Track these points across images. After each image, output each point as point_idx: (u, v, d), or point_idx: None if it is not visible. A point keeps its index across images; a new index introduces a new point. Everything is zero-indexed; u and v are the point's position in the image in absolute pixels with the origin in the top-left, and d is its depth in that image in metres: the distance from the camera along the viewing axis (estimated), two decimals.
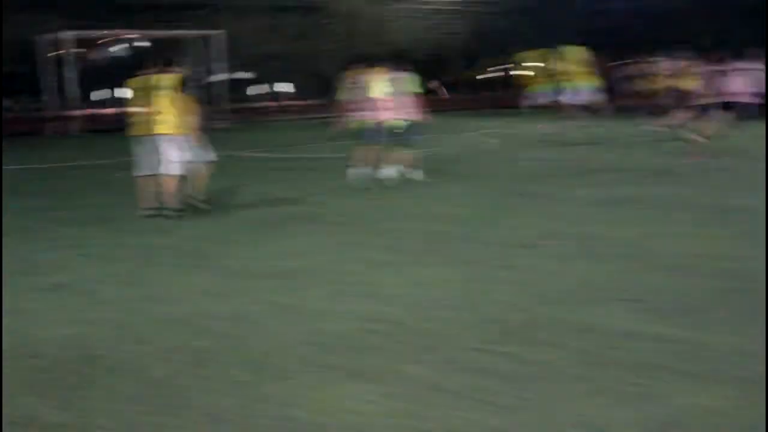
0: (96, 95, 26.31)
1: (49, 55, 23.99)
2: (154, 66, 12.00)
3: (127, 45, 29.33)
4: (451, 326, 6.62)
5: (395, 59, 15.72)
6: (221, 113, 26.94)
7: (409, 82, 14.92)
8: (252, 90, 43.83)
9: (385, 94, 14.52)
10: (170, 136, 11.71)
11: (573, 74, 19.18)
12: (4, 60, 25.71)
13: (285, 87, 41.22)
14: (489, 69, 34.58)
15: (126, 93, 12.32)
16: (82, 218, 12.20)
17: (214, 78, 26.17)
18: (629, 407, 5.02)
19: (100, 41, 27.42)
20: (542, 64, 20.63)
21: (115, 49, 28.03)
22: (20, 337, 6.56)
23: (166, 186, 11.82)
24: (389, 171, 14.77)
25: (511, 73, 32.75)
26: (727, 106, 17.53)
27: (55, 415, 5.02)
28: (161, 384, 5.49)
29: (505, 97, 33.19)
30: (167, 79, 11.86)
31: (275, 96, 41.13)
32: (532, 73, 23.67)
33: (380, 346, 6.19)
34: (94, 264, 9.20)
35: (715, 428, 4.75)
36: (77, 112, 25.68)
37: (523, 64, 19.49)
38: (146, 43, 29.05)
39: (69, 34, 24.87)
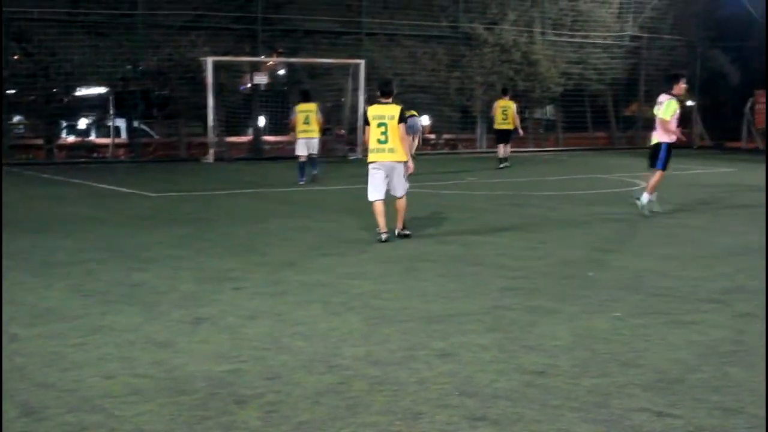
0: (257, 121, 27.13)
1: (211, 80, 24.71)
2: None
3: (274, 73, 29.91)
4: None
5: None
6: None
7: None
8: None
9: None
10: (399, 163, 12.53)
11: None
12: (165, 82, 26.68)
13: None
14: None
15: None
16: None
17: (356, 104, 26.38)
18: None
19: (256, 68, 28.09)
20: None
21: (263, 78, 28.56)
22: (168, 370, 6.62)
23: (397, 209, 12.88)
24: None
25: None
26: None
27: None
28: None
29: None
30: (394, 109, 12.48)
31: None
32: None
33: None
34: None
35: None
36: (239, 139, 26.50)
37: None
38: (284, 71, 29.55)
39: (221, 60, 25.51)
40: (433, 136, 30.96)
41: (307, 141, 20.56)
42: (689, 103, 17.22)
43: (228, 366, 6.75)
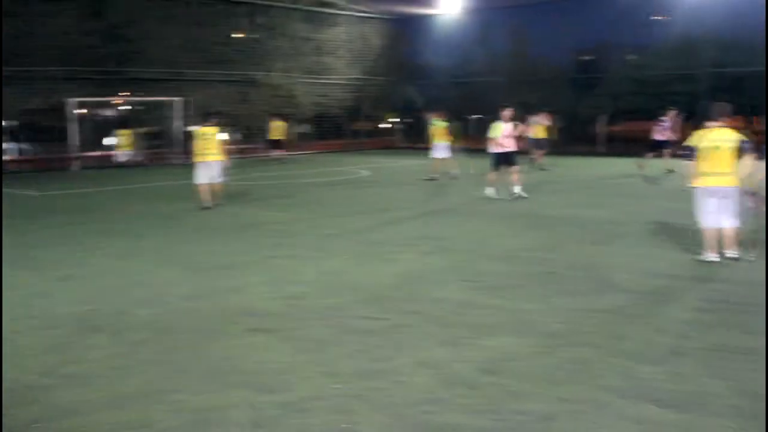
0: (105, 141, 26.88)
1: (73, 113, 24.39)
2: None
3: (117, 107, 29.99)
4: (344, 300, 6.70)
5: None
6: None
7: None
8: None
9: None
10: (218, 162, 13.48)
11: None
12: (45, 116, 26.41)
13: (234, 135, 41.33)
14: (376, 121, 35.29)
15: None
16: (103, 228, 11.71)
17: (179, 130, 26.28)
18: (460, 351, 5.17)
19: (102, 104, 28.13)
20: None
21: (111, 110, 28.93)
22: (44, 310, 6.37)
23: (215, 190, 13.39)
24: None
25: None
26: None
27: None
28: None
29: (384, 141, 33.84)
30: (215, 129, 13.55)
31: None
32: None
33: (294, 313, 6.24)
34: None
35: (517, 368, 4.92)
36: (91, 153, 25.68)
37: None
38: (129, 107, 29.40)
39: (84, 100, 25.56)
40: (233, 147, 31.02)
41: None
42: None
43: (87, 307, 6.57)
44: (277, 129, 25.87)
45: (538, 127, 20.92)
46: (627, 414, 4.10)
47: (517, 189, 14.22)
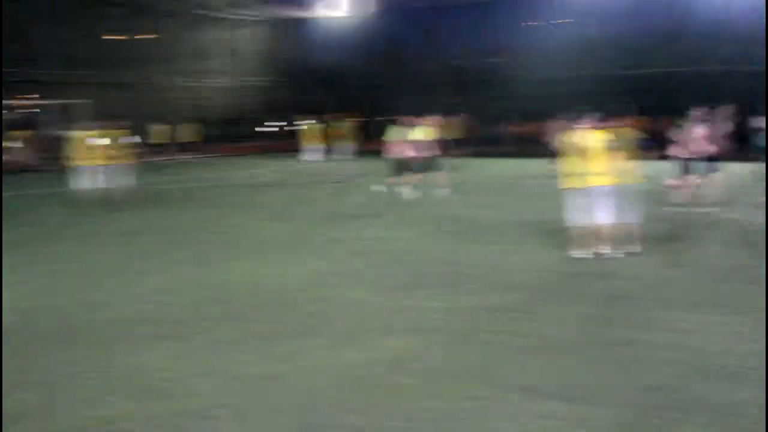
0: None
1: None
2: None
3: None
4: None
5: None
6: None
7: None
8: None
9: None
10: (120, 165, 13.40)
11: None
12: None
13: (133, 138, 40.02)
14: (271, 125, 34.81)
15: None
16: None
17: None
18: (365, 352, 5.26)
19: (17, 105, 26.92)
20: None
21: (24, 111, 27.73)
22: None
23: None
24: None
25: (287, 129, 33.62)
26: None
27: None
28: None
29: (282, 145, 33.54)
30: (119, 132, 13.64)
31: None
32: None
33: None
34: None
35: (420, 367, 5.06)
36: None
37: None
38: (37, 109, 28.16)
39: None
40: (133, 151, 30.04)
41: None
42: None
43: None
44: (163, 133, 25.34)
45: (429, 130, 21.18)
46: (525, 408, 4.27)
47: (411, 191, 14.39)
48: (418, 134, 14.65)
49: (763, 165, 15.54)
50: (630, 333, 5.62)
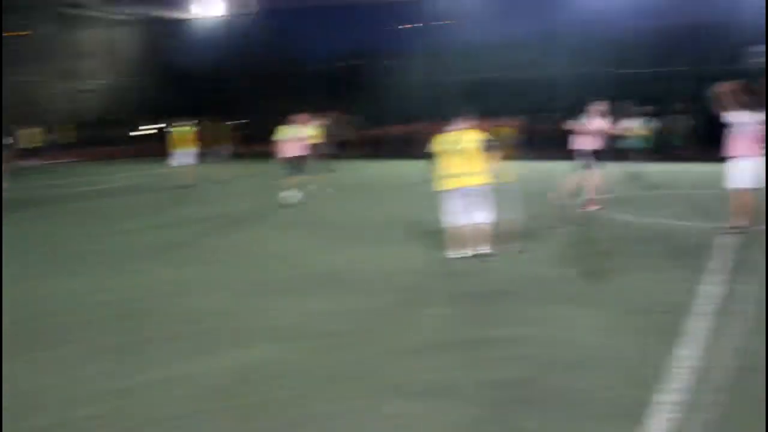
0: None
1: None
2: None
3: None
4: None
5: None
6: None
7: None
8: None
9: None
10: None
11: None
12: None
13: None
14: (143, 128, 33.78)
15: None
16: None
17: None
18: (222, 360, 5.15)
19: None
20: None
21: None
22: None
23: None
24: None
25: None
26: None
27: None
28: None
29: (159, 149, 32.64)
30: None
31: None
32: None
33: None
34: None
35: (283, 371, 5.01)
36: None
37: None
38: None
39: None
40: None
41: None
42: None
43: None
44: (30, 136, 24.23)
45: (316, 130, 21.10)
46: (392, 407, 4.33)
47: (298, 194, 14.29)
48: (308, 133, 14.56)
49: (633, 164, 16.56)
50: (497, 330, 5.78)
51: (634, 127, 17.20)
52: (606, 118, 12.38)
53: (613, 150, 13.41)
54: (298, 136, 14.25)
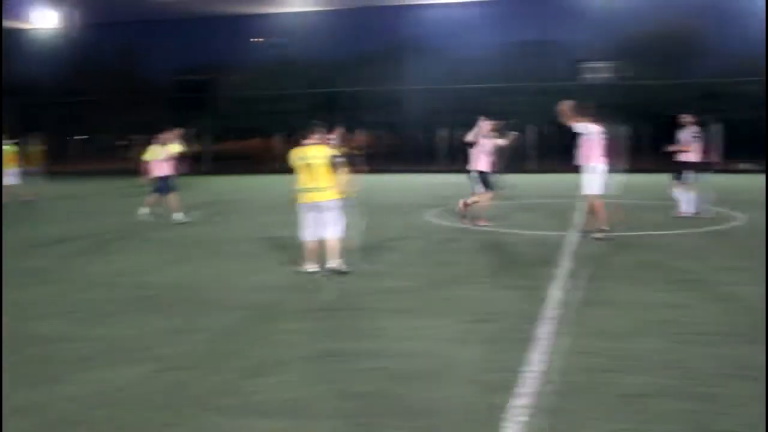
0: None
1: None
2: None
3: None
4: None
5: None
6: None
7: None
8: None
9: None
10: None
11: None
12: None
13: None
14: None
15: None
16: None
17: None
18: (63, 389, 4.77)
19: None
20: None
21: None
22: None
23: None
24: None
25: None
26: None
27: None
28: None
29: None
30: None
31: None
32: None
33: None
34: None
35: (125, 398, 4.71)
36: None
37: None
38: None
39: None
40: None
41: None
42: None
43: None
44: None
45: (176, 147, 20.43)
46: (249, 428, 4.12)
47: (157, 211, 13.83)
48: (172, 151, 14.03)
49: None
50: (347, 344, 5.71)
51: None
52: (493, 134, 12.41)
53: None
54: (166, 154, 13.81)
